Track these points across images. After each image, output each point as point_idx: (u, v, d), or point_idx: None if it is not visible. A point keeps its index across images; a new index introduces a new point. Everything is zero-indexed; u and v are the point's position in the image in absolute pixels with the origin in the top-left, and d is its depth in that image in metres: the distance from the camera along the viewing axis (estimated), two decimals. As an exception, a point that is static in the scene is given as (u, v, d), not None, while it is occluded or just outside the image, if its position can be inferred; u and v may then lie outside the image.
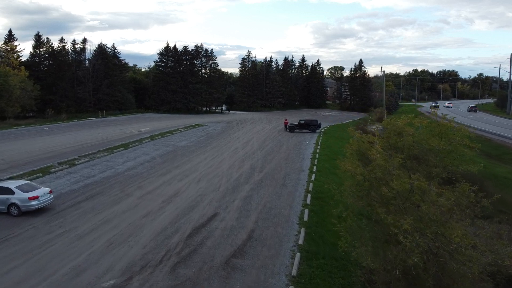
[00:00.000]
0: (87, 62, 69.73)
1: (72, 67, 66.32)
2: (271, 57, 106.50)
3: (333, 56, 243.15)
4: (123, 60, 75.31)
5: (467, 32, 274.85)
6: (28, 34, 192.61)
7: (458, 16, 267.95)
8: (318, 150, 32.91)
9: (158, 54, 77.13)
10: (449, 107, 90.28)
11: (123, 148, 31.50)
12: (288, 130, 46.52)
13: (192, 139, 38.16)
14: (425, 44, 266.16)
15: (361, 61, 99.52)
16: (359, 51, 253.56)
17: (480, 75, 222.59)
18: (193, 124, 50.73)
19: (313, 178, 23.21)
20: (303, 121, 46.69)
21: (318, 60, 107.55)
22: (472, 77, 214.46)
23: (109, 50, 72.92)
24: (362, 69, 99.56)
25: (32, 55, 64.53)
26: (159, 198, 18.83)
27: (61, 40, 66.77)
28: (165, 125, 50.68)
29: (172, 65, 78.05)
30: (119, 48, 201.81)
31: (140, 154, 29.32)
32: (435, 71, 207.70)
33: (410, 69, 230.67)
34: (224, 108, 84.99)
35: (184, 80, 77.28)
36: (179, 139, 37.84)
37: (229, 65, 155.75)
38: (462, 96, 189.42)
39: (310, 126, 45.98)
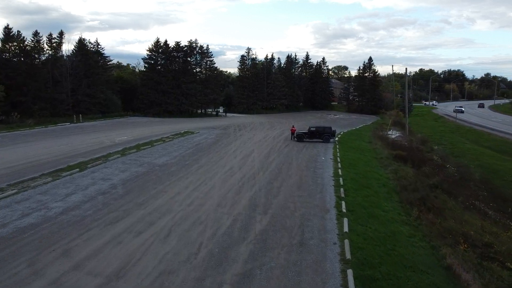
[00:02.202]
0: (66, 59, 61.69)
1: (48, 64, 58.26)
2: (272, 54, 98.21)
3: (333, 56, 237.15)
4: (107, 57, 67.24)
5: (467, 32, 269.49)
6: (27, 35, 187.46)
7: (459, 16, 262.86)
8: (340, 171, 24.76)
9: (147, 50, 69.07)
10: (460, 110, 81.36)
11: (77, 169, 23.34)
12: (295, 139, 38.42)
13: (175, 153, 30.00)
14: (425, 44, 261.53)
15: (370, 59, 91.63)
16: (359, 51, 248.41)
17: (487, 75, 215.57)
18: (182, 132, 42.57)
19: (346, 227, 15.03)
20: (313, 129, 38.54)
21: (323, 58, 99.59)
22: (475, 77, 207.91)
23: (91, 45, 64.84)
24: (372, 68, 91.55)
25: (0, 50, 56.40)
26: (89, 282, 10.69)
27: (36, 34, 58.61)
28: (149, 132, 42.60)
29: (163, 62, 69.96)
30: (120, 48, 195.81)
31: (97, 180, 21.17)
32: (437, 71, 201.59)
33: (410, 70, 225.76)
34: (220, 110, 76.78)
35: (177, 79, 69.20)
36: (159, 153, 29.70)
37: (229, 65, 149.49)
38: (470, 96, 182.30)
39: (322, 135, 37.83)
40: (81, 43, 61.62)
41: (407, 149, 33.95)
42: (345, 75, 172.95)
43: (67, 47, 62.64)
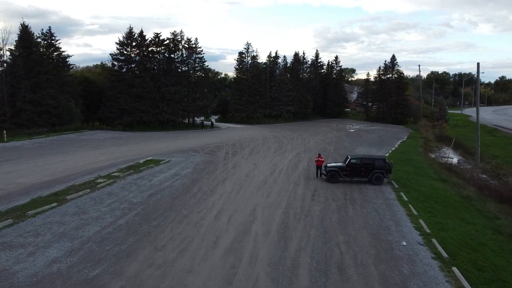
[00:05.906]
0: (1, 53, 46.48)
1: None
2: (277, 52, 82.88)
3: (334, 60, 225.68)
4: (63, 51, 51.60)
5: (469, 36, 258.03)
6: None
7: (461, 19, 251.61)
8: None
9: (117, 43, 53.57)
10: None
11: None
12: (325, 176, 23.01)
13: (93, 228, 14.41)
14: (426, 48, 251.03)
15: (393, 58, 76.22)
16: (360, 55, 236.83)
17: (502, 78, 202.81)
18: (142, 162, 26.99)
19: None
20: (355, 161, 22.94)
21: (336, 57, 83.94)
22: (483, 81, 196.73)
23: (41, 36, 49.47)
24: (395, 68, 76.02)
25: None
26: None
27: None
28: (91, 160, 27.25)
29: (137, 59, 54.55)
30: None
31: None
32: (451, 74, 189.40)
33: (410, 73, 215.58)
34: (212, 120, 61.29)
35: (156, 81, 53.88)
36: (56, 230, 14.15)
37: (230, 69, 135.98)
38: (489, 101, 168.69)
39: (371, 172, 22.33)
40: (24, 32, 46.18)
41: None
42: (353, 79, 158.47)
43: (7, 32, 46.98)
